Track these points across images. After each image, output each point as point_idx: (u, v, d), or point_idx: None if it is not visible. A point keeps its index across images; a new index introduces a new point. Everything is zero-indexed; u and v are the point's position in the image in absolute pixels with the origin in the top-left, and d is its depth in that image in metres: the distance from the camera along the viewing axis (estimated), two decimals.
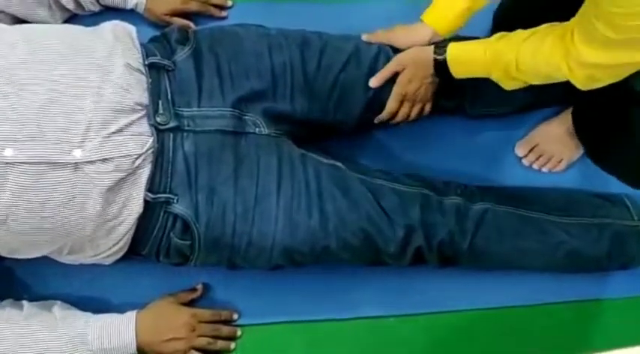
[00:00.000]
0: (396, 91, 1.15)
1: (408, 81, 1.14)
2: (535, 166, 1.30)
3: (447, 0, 1.10)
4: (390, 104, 1.17)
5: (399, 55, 1.14)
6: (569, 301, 1.25)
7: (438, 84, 1.17)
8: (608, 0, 0.83)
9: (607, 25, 0.85)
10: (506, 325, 1.23)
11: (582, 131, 1.24)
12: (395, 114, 1.19)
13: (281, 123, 1.12)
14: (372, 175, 1.13)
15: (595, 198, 1.25)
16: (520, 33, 1.02)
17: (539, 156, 1.30)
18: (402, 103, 1.17)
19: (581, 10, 0.92)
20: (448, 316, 1.22)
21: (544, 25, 1.00)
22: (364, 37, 1.17)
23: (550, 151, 1.29)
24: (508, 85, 1.07)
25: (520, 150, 1.31)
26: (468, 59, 1.07)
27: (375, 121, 1.19)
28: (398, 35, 1.16)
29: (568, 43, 0.93)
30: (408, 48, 1.15)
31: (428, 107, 1.20)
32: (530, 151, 1.30)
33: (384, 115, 1.19)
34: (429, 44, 1.12)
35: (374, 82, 1.14)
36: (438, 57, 1.09)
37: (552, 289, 1.24)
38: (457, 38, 1.14)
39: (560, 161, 1.30)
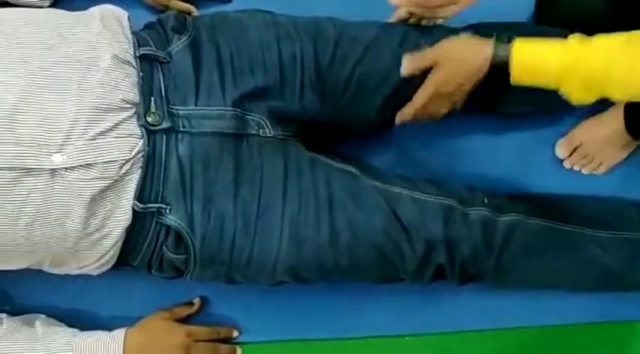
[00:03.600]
0: (427, 87, 0.97)
1: (444, 82, 0.95)
2: (576, 168, 1.21)
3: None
4: (415, 102, 0.99)
5: (441, 45, 0.96)
6: (595, 323, 1.18)
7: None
8: None
9: None
10: (528, 346, 1.17)
11: (636, 130, 1.14)
12: (414, 116, 1.03)
13: (288, 124, 1.03)
14: (390, 181, 1.05)
15: (636, 209, 1.16)
16: (613, 36, 0.87)
17: (583, 157, 1.20)
18: (429, 102, 1.00)
19: None
20: (466, 335, 1.16)
21: None
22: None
23: (594, 151, 1.20)
24: (580, 99, 0.90)
25: (562, 151, 1.21)
26: (539, 64, 0.89)
27: (397, 121, 1.06)
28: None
29: None
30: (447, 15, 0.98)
31: (458, 106, 1.04)
32: (573, 151, 1.21)
33: (404, 114, 1.03)
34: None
35: (405, 70, 0.98)
36: (499, 55, 0.90)
37: (577, 308, 1.17)
38: (483, 26, 1.05)
39: (601, 163, 1.21)
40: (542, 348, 1.17)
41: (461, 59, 0.94)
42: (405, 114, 1.03)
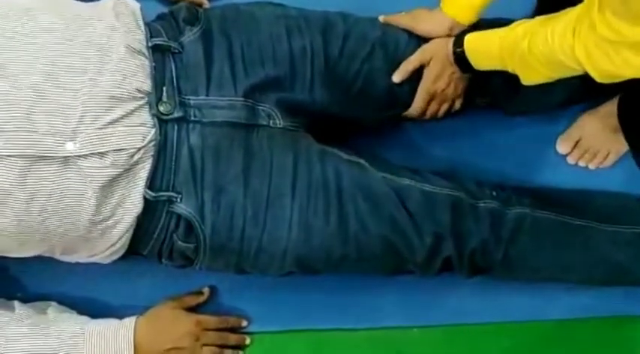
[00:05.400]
0: (423, 88, 1.08)
1: (435, 78, 1.06)
2: (581, 164, 1.21)
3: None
4: (417, 103, 1.09)
5: (424, 47, 1.07)
6: (602, 317, 1.17)
7: (471, 79, 1.08)
8: None
9: None
10: (534, 340, 1.17)
11: (629, 124, 1.13)
12: (422, 112, 1.11)
13: (298, 115, 1.03)
14: (398, 173, 1.05)
15: None
16: (539, 17, 0.92)
17: (585, 152, 1.20)
18: (430, 101, 1.09)
19: None
20: (473, 328, 1.15)
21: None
22: (381, 19, 1.10)
23: (596, 145, 1.20)
24: (526, 78, 0.95)
25: (563, 146, 1.22)
26: (484, 49, 0.99)
27: (403, 115, 1.11)
28: (418, 20, 1.08)
29: (593, 14, 0.78)
30: (429, 35, 1.07)
31: (458, 103, 1.12)
32: (574, 147, 1.21)
33: (410, 113, 1.11)
34: (450, 33, 1.05)
35: (397, 77, 1.07)
36: (457, 49, 1.02)
37: (584, 303, 1.17)
38: (487, 23, 1.05)
39: (607, 155, 1.20)
40: (549, 342, 1.16)
41: (441, 55, 1.04)
42: (410, 115, 1.12)
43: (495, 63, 0.98)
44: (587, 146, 1.20)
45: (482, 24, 1.06)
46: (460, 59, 1.03)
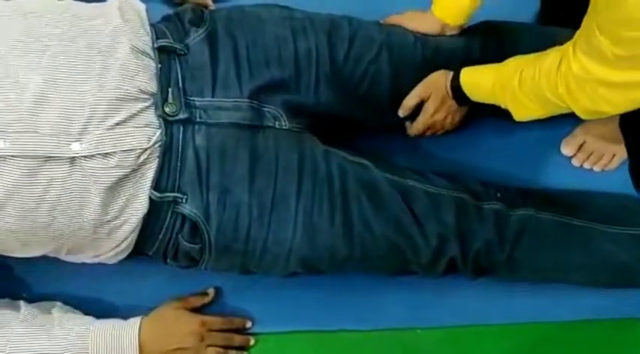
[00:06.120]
0: (422, 121, 1.12)
1: (434, 111, 1.10)
2: (586, 166, 1.21)
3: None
4: (415, 129, 1.14)
5: (423, 82, 1.10)
6: (607, 319, 1.16)
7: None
8: (604, 3, 0.72)
9: (608, 38, 0.74)
10: (539, 341, 1.16)
11: (630, 132, 1.15)
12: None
13: (303, 116, 1.03)
14: (403, 174, 1.05)
15: None
16: (530, 54, 0.95)
17: (589, 154, 1.20)
18: (428, 129, 1.14)
19: (585, 17, 0.81)
20: (477, 329, 1.14)
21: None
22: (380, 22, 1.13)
23: (600, 148, 1.20)
24: (518, 114, 0.98)
25: (567, 149, 1.22)
26: (479, 84, 1.03)
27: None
28: (406, 22, 1.12)
29: (569, 55, 0.83)
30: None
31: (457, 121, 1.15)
32: (579, 149, 1.21)
33: (409, 134, 1.16)
34: (443, 33, 1.11)
35: (401, 112, 1.13)
36: (454, 83, 1.05)
37: (588, 305, 1.15)
38: (491, 25, 1.10)
39: (611, 158, 1.21)
40: (553, 344, 1.15)
41: (440, 88, 1.08)
42: (411, 134, 1.16)
43: (489, 98, 1.01)
44: (592, 149, 1.20)
45: (503, 28, 1.12)
46: (457, 93, 1.05)
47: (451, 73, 1.06)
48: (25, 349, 0.95)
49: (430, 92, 1.09)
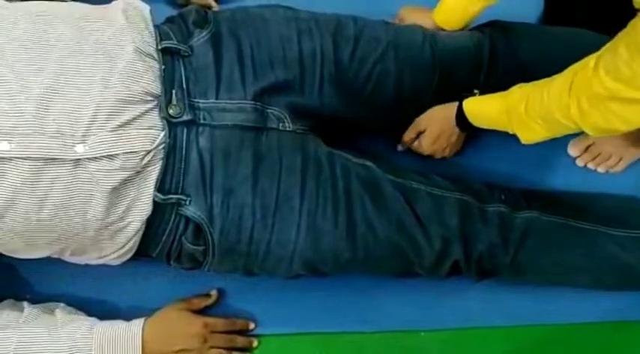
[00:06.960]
0: (421, 151, 1.14)
1: (432, 142, 1.12)
2: (590, 166, 1.21)
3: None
4: (419, 152, 1.15)
5: (417, 120, 1.12)
6: (611, 322, 1.16)
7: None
8: None
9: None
10: (542, 344, 1.16)
11: None
12: None
13: (307, 118, 1.03)
14: (407, 176, 1.05)
15: None
16: (534, 82, 0.95)
17: (596, 156, 1.20)
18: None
19: (616, 37, 0.80)
20: (481, 332, 1.15)
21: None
22: None
23: (608, 150, 1.20)
24: (525, 138, 0.98)
25: (574, 150, 1.21)
26: (483, 114, 1.04)
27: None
28: (405, 15, 1.17)
29: (589, 72, 0.82)
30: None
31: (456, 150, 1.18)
32: (585, 150, 1.21)
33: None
34: (435, 29, 1.13)
35: (400, 148, 1.16)
36: (458, 113, 1.07)
37: (592, 307, 1.16)
38: (500, 25, 1.10)
39: (618, 161, 1.20)
40: (558, 346, 1.16)
41: (439, 119, 1.10)
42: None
43: (493, 124, 1.03)
44: (599, 151, 1.20)
45: (511, 28, 1.12)
46: (461, 121, 1.06)
47: (450, 106, 1.07)
48: (29, 350, 0.95)
49: (425, 127, 1.11)
